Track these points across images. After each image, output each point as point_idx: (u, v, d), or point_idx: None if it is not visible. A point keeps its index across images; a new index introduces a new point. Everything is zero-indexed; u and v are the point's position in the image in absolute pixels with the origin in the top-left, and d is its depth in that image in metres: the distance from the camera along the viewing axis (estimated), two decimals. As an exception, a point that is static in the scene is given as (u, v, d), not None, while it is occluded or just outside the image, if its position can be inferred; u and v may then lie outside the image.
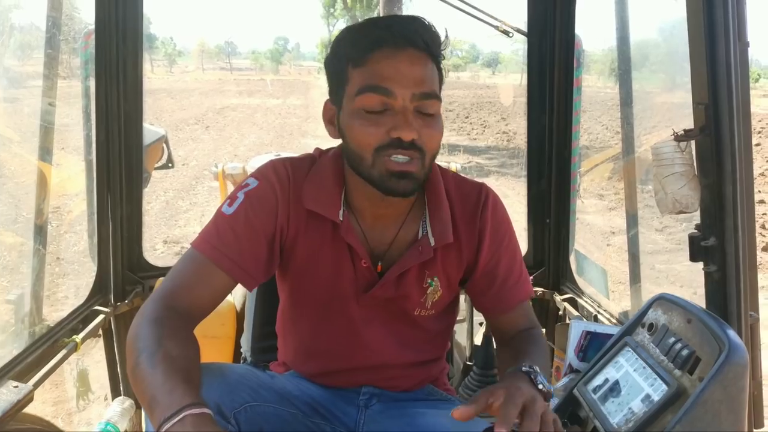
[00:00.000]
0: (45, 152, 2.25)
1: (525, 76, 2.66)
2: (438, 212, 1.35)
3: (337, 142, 1.36)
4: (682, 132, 1.47)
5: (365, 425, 1.40)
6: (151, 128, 2.89)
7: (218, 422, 1.14)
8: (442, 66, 1.30)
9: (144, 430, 1.25)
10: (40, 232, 2.26)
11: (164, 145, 3.13)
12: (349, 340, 1.40)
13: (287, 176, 1.32)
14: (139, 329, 1.08)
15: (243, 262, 1.23)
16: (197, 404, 0.90)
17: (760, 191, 9.77)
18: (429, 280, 1.37)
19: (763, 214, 8.54)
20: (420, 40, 1.21)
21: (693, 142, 1.48)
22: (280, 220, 1.29)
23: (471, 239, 1.38)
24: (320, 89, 33.55)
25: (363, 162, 1.22)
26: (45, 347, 2.02)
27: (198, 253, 1.22)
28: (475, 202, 1.39)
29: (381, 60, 1.20)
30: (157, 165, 3.10)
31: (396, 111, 1.19)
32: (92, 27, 2.26)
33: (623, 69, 2.38)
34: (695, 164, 1.50)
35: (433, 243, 1.33)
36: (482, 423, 1.36)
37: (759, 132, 13.68)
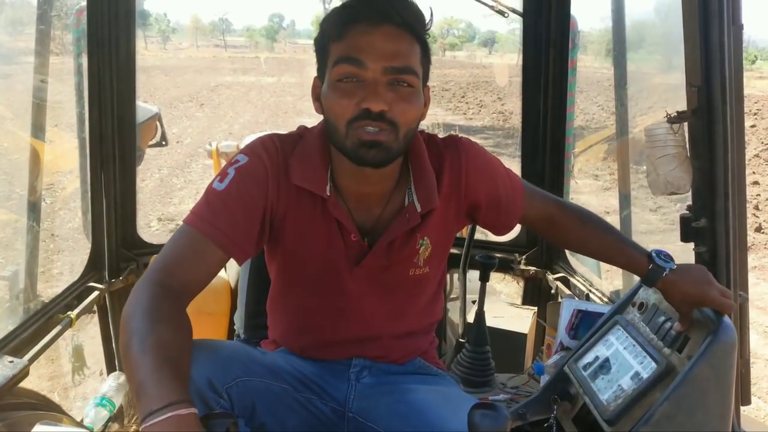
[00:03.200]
0: (37, 129, 2.24)
1: (521, 56, 2.65)
2: (422, 179, 1.37)
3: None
4: (675, 114, 1.48)
5: (355, 400, 1.41)
6: (145, 106, 2.88)
7: (210, 397, 1.16)
8: (428, 44, 1.31)
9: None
10: (34, 209, 2.26)
11: (158, 123, 3.12)
12: (342, 313, 1.42)
13: (276, 152, 1.33)
14: (133, 308, 1.07)
15: (236, 236, 1.24)
16: (184, 402, 0.89)
17: (754, 172, 9.80)
18: (420, 241, 1.40)
19: (757, 195, 8.58)
20: (397, 16, 1.23)
21: (686, 125, 1.48)
22: (271, 195, 1.30)
23: (458, 192, 1.41)
24: (315, 68, 33.18)
25: (337, 133, 1.25)
26: (40, 323, 2.03)
27: (191, 228, 1.22)
28: (451, 155, 1.41)
29: (357, 34, 1.23)
30: (150, 143, 3.09)
31: (367, 83, 1.22)
32: (84, 3, 2.24)
33: (618, 50, 2.38)
34: (688, 146, 1.51)
35: (419, 209, 1.36)
36: (471, 399, 1.39)
37: (755, 114, 13.70)
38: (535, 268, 2.70)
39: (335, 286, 1.39)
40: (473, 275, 2.40)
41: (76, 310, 2.18)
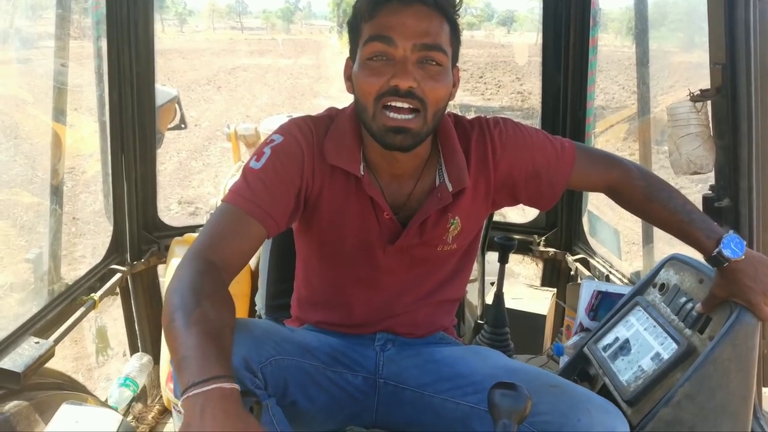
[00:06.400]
0: (59, 113, 2.25)
1: (541, 35, 2.62)
2: (453, 158, 1.38)
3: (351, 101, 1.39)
4: (698, 92, 1.46)
5: (384, 367, 1.45)
6: (164, 89, 2.89)
7: (245, 377, 1.18)
8: (458, 24, 1.32)
9: (173, 385, 1.28)
10: (56, 192, 2.28)
11: (177, 106, 3.12)
12: (372, 288, 1.46)
13: (310, 132, 1.36)
14: (177, 284, 1.09)
15: (274, 212, 1.27)
16: (227, 377, 0.91)
17: (777, 152, 9.63)
18: (451, 220, 1.42)
19: (780, 175, 8.42)
20: None
21: (709, 103, 1.46)
22: (306, 173, 1.34)
23: (485, 171, 1.41)
24: (332, 49, 33.09)
25: (366, 113, 1.27)
26: (64, 305, 2.06)
27: (231, 206, 1.25)
28: (476, 135, 1.42)
29: (387, 13, 1.25)
30: (170, 126, 3.10)
31: (397, 61, 1.23)
32: (103, -13, 2.25)
33: (640, 28, 2.34)
34: (711, 125, 1.49)
35: (451, 189, 1.38)
36: (498, 353, 1.43)
37: (778, 92, 13.42)
38: (554, 249, 2.70)
39: (368, 262, 1.42)
40: (491, 257, 2.39)
41: (99, 292, 2.21)
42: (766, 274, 1.29)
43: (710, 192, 1.49)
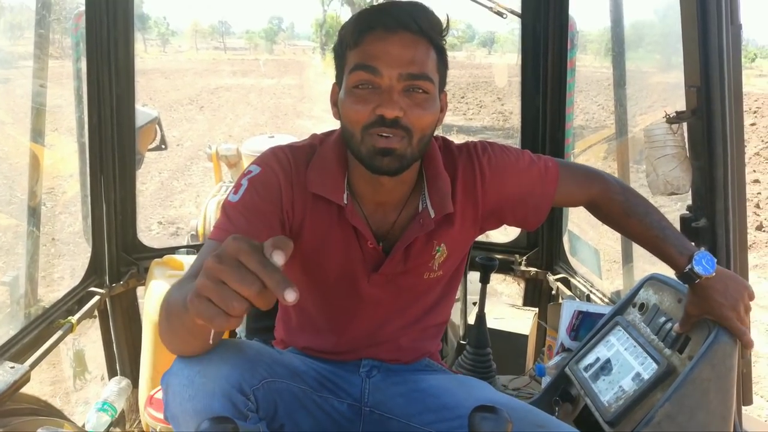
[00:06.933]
0: (37, 134, 2.24)
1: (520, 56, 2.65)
2: (436, 184, 1.38)
3: (334, 126, 1.40)
4: (674, 114, 1.48)
5: (370, 394, 1.44)
6: (144, 110, 2.88)
7: (239, 401, 1.15)
8: (445, 50, 1.31)
9: (141, 407, 1.26)
10: (34, 214, 2.26)
11: (157, 127, 3.12)
12: (356, 316, 1.45)
13: (288, 161, 1.35)
14: (165, 297, 1.09)
15: (257, 240, 1.24)
16: None
17: (755, 170, 9.79)
18: (437, 248, 1.41)
19: (758, 193, 8.56)
20: (413, 23, 1.23)
21: (685, 125, 1.48)
22: (285, 204, 1.33)
23: (473, 198, 1.41)
24: (315, 69, 33.23)
25: (353, 139, 1.26)
26: (41, 328, 2.03)
27: (213, 241, 1.24)
28: (464, 162, 1.42)
29: (373, 42, 1.24)
30: (150, 146, 3.09)
31: (382, 90, 1.23)
32: (83, 8, 2.25)
33: (617, 51, 2.38)
34: (687, 146, 1.51)
35: (433, 215, 1.37)
36: (484, 384, 1.41)
37: (755, 112, 13.67)
38: (535, 269, 2.71)
39: (352, 291, 1.41)
40: (474, 276, 2.40)
41: (77, 315, 2.18)
42: (736, 289, 1.31)
43: (687, 212, 1.51)
